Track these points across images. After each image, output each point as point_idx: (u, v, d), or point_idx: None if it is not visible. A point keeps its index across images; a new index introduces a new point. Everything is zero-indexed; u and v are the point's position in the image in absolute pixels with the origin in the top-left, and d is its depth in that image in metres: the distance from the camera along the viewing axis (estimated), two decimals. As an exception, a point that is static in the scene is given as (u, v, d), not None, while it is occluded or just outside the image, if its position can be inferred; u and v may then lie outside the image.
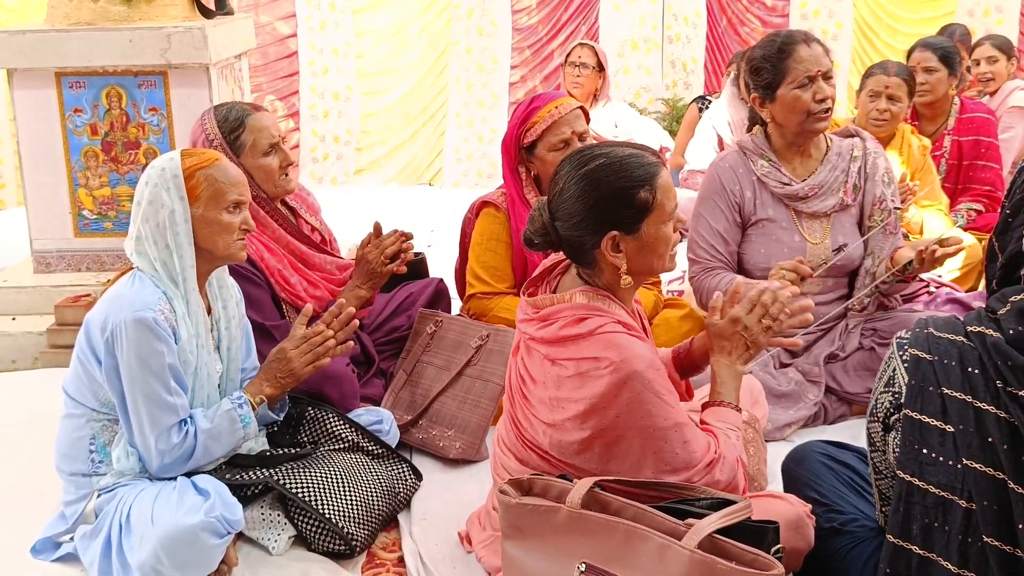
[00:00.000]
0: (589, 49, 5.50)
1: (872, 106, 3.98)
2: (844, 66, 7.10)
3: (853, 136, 3.22)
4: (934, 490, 1.65)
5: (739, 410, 2.19)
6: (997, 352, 1.62)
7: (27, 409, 3.28)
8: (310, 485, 2.39)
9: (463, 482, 2.73)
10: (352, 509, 2.41)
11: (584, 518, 1.85)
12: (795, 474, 2.21)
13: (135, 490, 2.26)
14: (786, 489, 2.23)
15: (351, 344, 2.57)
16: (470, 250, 3.29)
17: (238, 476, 2.38)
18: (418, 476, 2.70)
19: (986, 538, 1.60)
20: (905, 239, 3.17)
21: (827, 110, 3.00)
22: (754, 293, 2.17)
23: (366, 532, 2.43)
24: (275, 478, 2.38)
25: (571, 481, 1.94)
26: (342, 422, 2.65)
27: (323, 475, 2.43)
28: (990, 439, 1.61)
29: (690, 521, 1.77)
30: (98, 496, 2.31)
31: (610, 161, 2.03)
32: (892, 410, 1.74)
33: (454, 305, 3.49)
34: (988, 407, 1.62)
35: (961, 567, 1.63)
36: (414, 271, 3.48)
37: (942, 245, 2.91)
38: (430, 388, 3.00)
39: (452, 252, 3.51)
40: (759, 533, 1.77)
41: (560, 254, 2.18)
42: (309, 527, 2.38)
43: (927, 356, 1.70)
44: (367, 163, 7.17)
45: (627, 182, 2.01)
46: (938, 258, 2.92)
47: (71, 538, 2.34)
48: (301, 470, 2.43)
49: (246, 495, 2.40)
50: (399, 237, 3.13)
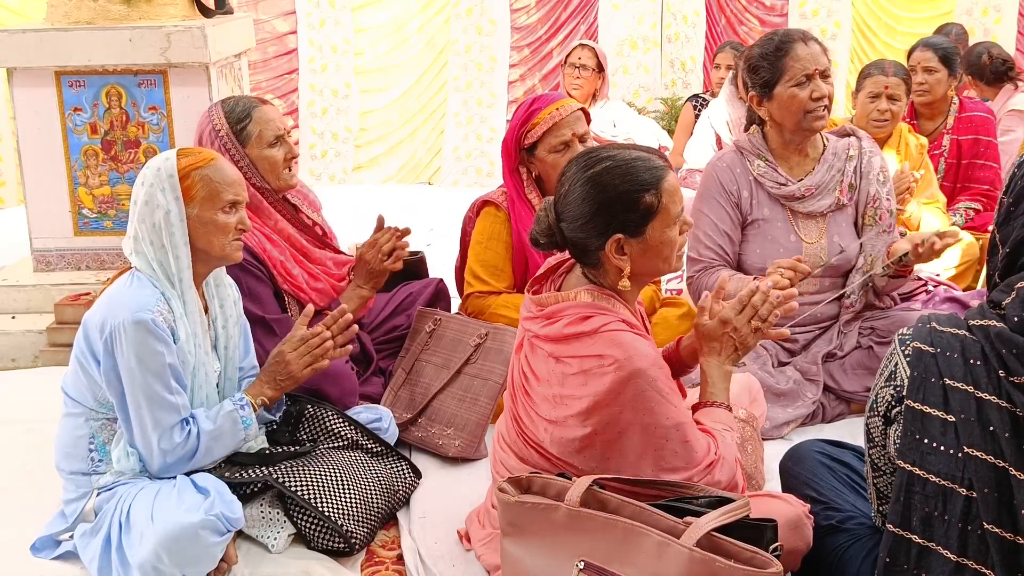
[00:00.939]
0: (589, 50, 5.41)
1: (873, 107, 3.97)
2: (843, 65, 7.10)
3: (849, 135, 3.22)
4: (935, 479, 1.66)
5: (730, 409, 2.20)
6: (1001, 341, 1.63)
7: (27, 408, 3.28)
8: (309, 483, 2.40)
9: (462, 480, 2.73)
10: (351, 507, 2.41)
11: (583, 516, 1.85)
12: (793, 472, 2.22)
13: (135, 488, 2.26)
14: (784, 487, 2.24)
15: (351, 348, 2.58)
16: (470, 249, 3.29)
17: (238, 474, 2.38)
18: (417, 474, 2.71)
19: (987, 525, 1.61)
20: (902, 236, 3.18)
21: (824, 108, 3.01)
22: (744, 294, 2.18)
23: (365, 530, 2.43)
24: (274, 476, 2.38)
25: (570, 479, 1.94)
26: (341, 420, 2.65)
27: (322, 473, 2.44)
28: (991, 428, 1.62)
29: (688, 519, 1.77)
30: (98, 494, 2.31)
31: (616, 164, 2.03)
32: (893, 403, 1.74)
33: (454, 304, 3.49)
34: (990, 397, 1.63)
35: (961, 555, 1.64)
36: (414, 270, 3.48)
37: (941, 238, 2.92)
38: (429, 386, 3.01)
39: (452, 251, 3.51)
40: (757, 531, 1.78)
41: (564, 253, 2.19)
42: (308, 525, 2.38)
43: (929, 349, 1.71)
44: (366, 160, 7.17)
45: (633, 185, 2.01)
46: (937, 250, 2.93)
47: (71, 536, 2.34)
48: (300, 468, 2.43)
49: (246, 493, 2.40)
50: (394, 233, 3.14)
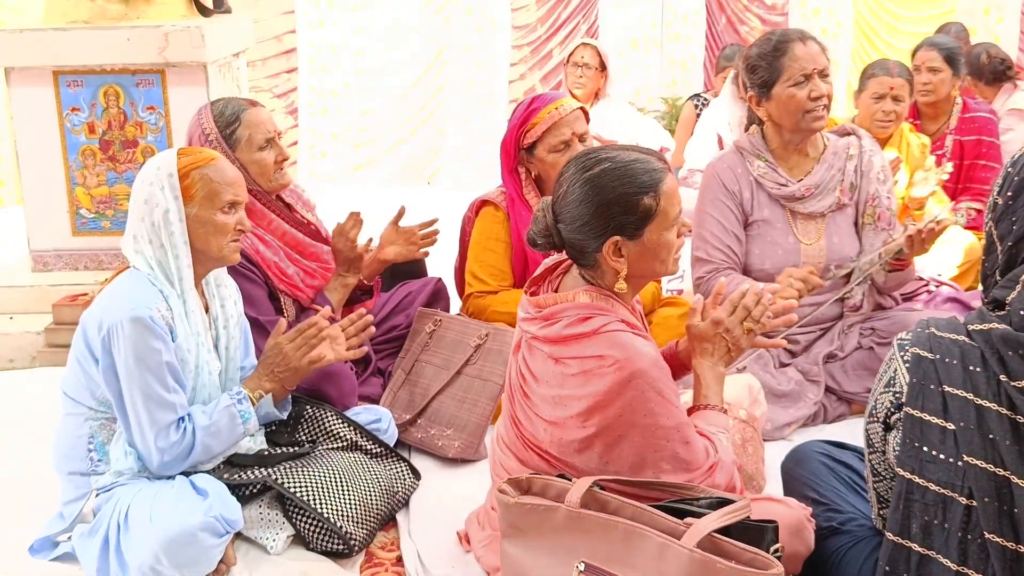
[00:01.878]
0: (592, 49, 5.35)
1: (877, 107, 3.95)
2: (844, 65, 7.11)
3: (849, 135, 3.22)
4: (934, 487, 1.65)
5: (725, 411, 2.19)
6: (1005, 343, 1.62)
7: (25, 408, 3.29)
8: (308, 484, 2.39)
9: (462, 481, 2.72)
10: (350, 508, 2.41)
11: (583, 517, 1.85)
12: (794, 473, 2.21)
13: (133, 489, 2.26)
14: (785, 489, 2.23)
15: (365, 349, 2.58)
16: (469, 250, 3.28)
17: (236, 475, 2.37)
18: (416, 475, 2.70)
19: (987, 534, 1.60)
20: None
21: (823, 108, 3.00)
22: (736, 295, 2.16)
23: (364, 531, 2.42)
24: (273, 477, 2.37)
25: (570, 480, 1.93)
26: (340, 421, 2.64)
27: (321, 474, 2.43)
28: (991, 436, 1.61)
29: (689, 520, 1.77)
30: (96, 495, 2.30)
31: (615, 166, 2.02)
32: (893, 409, 1.73)
33: (453, 304, 3.48)
34: (990, 404, 1.62)
35: (960, 564, 1.63)
36: (413, 270, 3.47)
37: (938, 224, 2.96)
38: (429, 387, 3.00)
39: (451, 251, 3.50)
40: (758, 532, 1.77)
41: (562, 254, 2.18)
42: (308, 526, 2.38)
43: (928, 355, 1.69)
44: (365, 160, 7.17)
45: (631, 188, 2.00)
46: (937, 232, 2.98)
47: (69, 537, 2.33)
48: (299, 469, 2.42)
49: (244, 494, 2.39)
50: (357, 219, 3.16)
